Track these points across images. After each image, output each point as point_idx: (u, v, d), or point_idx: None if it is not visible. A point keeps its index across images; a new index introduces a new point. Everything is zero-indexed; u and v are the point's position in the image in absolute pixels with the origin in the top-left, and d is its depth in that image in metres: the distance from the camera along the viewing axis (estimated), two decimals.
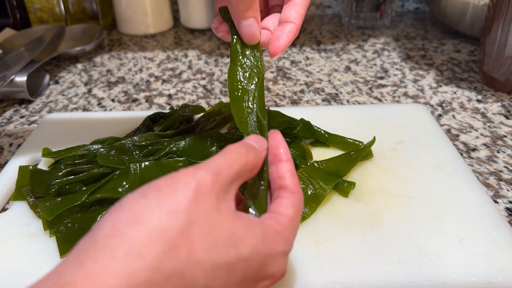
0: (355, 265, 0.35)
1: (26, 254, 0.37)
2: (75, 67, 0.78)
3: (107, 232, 0.22)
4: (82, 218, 0.39)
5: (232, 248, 0.24)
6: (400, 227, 0.39)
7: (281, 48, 0.36)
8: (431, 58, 0.77)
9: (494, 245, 0.36)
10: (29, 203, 0.41)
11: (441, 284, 0.33)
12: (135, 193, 0.24)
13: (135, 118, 0.55)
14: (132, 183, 0.41)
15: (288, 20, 0.37)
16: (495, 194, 0.45)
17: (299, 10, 0.37)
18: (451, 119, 0.58)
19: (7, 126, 0.59)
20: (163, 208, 0.22)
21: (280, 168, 0.30)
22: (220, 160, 0.26)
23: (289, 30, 0.37)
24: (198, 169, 0.25)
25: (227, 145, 0.28)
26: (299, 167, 0.43)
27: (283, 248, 0.27)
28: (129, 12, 0.90)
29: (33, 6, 0.86)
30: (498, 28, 0.59)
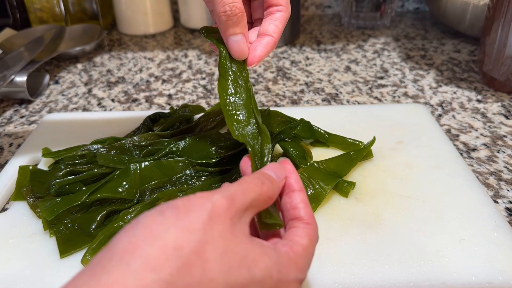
0: (355, 265, 0.35)
1: (26, 254, 0.37)
2: (75, 67, 0.78)
3: (123, 247, 0.22)
4: (82, 218, 0.39)
5: (246, 269, 0.24)
6: (400, 227, 0.39)
7: (257, 58, 0.38)
8: (431, 58, 0.77)
9: (494, 245, 0.36)
10: (29, 203, 0.41)
11: (441, 284, 0.33)
12: (152, 211, 0.24)
13: (135, 118, 0.55)
14: (132, 183, 0.41)
15: (266, 33, 0.39)
16: (495, 194, 0.45)
17: (278, 25, 0.39)
18: (451, 119, 0.58)
19: (7, 126, 0.59)
20: (179, 226, 0.23)
21: (293, 198, 0.30)
22: (236, 187, 0.27)
23: (266, 42, 0.39)
24: (214, 193, 0.25)
25: (245, 176, 0.29)
26: (299, 167, 0.43)
27: (296, 275, 0.27)
28: (129, 12, 0.90)
29: (33, 6, 0.86)
30: (498, 28, 0.59)
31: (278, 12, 0.40)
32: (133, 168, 0.42)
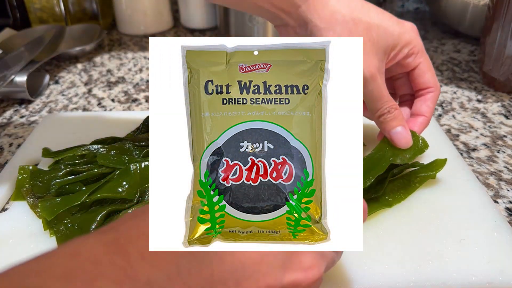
0: (355, 265, 0.35)
1: (26, 254, 0.37)
2: (75, 67, 0.78)
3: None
4: (82, 218, 0.39)
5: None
6: (400, 227, 0.39)
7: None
8: (431, 58, 0.76)
9: (494, 245, 0.36)
10: (29, 203, 0.41)
11: (441, 284, 0.33)
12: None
13: (135, 118, 0.55)
14: (132, 183, 0.41)
15: (419, 114, 0.43)
16: (495, 194, 0.45)
17: (430, 105, 0.43)
18: (451, 119, 0.58)
19: (7, 126, 0.59)
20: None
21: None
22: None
23: (420, 122, 0.43)
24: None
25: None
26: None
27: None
28: (129, 12, 0.90)
29: (33, 6, 0.86)
30: (498, 28, 0.59)
31: (429, 93, 0.43)
32: (133, 168, 0.42)
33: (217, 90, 0.32)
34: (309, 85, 0.32)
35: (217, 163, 0.32)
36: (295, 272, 0.25)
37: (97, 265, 0.19)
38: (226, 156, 0.31)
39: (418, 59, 0.41)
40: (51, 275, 0.18)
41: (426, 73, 0.42)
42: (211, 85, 0.32)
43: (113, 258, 0.19)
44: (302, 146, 0.32)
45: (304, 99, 0.32)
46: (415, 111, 0.43)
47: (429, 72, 0.42)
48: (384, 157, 0.41)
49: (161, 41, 0.34)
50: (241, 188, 0.31)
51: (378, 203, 0.40)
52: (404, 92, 0.45)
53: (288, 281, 0.24)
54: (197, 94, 0.32)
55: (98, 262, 0.19)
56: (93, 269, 0.18)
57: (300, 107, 0.32)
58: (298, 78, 0.32)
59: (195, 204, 0.32)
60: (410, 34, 0.41)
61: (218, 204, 0.31)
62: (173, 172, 0.34)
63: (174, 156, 0.34)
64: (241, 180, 0.31)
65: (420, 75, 0.42)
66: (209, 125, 0.32)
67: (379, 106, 0.40)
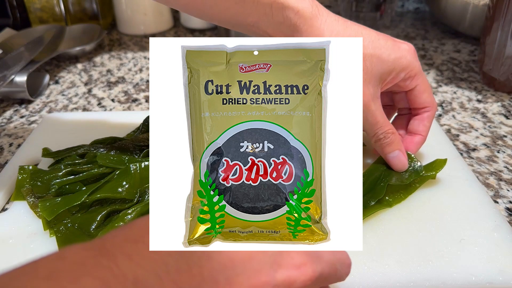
0: (355, 265, 0.35)
1: (26, 254, 0.37)
2: (75, 67, 0.78)
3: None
4: (82, 218, 0.39)
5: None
6: (400, 227, 0.39)
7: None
8: (431, 58, 0.77)
9: (494, 245, 0.36)
10: (29, 203, 0.41)
11: (441, 284, 0.33)
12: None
13: (135, 118, 0.55)
14: (132, 183, 0.41)
15: (416, 133, 0.44)
16: (495, 194, 0.45)
17: (426, 124, 0.44)
18: (451, 119, 0.58)
19: (7, 126, 0.59)
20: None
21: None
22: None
23: (417, 141, 0.44)
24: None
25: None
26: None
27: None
28: (129, 12, 0.90)
29: (33, 6, 0.86)
30: (498, 28, 0.59)
31: (426, 113, 0.44)
32: (133, 168, 0.42)
33: (217, 90, 0.32)
34: (309, 85, 0.32)
35: (217, 163, 0.32)
36: (287, 269, 0.24)
37: (82, 266, 0.19)
38: (226, 156, 0.32)
39: (415, 82, 0.42)
40: (35, 276, 0.18)
41: (423, 94, 0.43)
42: (211, 85, 0.32)
43: (98, 259, 0.19)
44: (302, 146, 0.32)
45: (304, 99, 0.32)
46: (412, 129, 0.45)
47: (426, 93, 0.43)
48: (380, 178, 0.42)
49: (161, 41, 0.34)
50: (241, 188, 0.31)
51: (378, 203, 0.40)
52: (402, 106, 0.46)
53: (281, 278, 0.24)
54: (197, 94, 0.32)
55: (83, 263, 0.19)
56: (78, 269, 0.18)
57: (300, 107, 0.32)
58: (298, 78, 0.32)
59: (195, 204, 0.32)
60: (406, 58, 0.41)
61: (218, 204, 0.31)
62: (173, 172, 0.34)
63: (174, 156, 0.34)
64: (241, 180, 0.31)
65: (417, 95, 0.43)
66: (209, 125, 0.32)
67: (374, 132, 0.41)
